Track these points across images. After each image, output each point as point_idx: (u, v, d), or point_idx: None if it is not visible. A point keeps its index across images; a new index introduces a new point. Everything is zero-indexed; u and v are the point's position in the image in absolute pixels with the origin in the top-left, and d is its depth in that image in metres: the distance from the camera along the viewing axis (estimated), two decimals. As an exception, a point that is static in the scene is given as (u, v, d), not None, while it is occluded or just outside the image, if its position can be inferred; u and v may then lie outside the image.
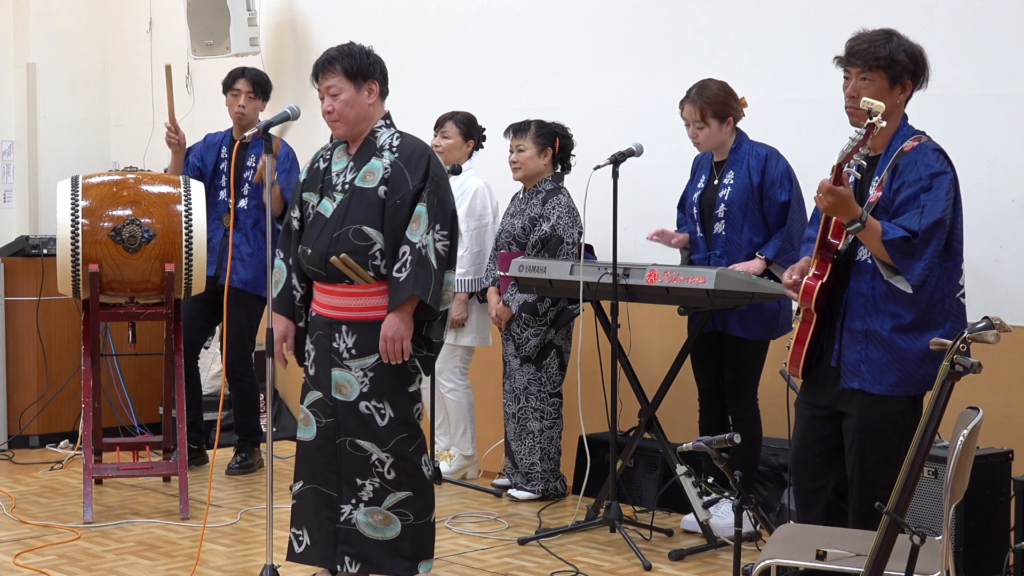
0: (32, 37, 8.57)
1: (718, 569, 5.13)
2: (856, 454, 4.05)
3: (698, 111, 5.37)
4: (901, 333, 3.97)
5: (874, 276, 4.00)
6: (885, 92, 4.01)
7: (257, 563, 5.13)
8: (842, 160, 3.84)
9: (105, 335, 7.31)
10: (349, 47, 4.50)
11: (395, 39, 7.30)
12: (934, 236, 3.91)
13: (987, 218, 5.25)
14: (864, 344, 4.00)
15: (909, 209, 3.94)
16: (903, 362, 3.97)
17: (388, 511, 4.44)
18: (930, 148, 4.02)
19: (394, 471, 4.43)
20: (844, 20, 4.88)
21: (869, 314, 4.00)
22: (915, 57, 4.06)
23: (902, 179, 3.98)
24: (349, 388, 4.43)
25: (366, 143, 4.49)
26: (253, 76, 6.80)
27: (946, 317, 4.01)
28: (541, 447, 6.15)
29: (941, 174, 3.97)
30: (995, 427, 4.83)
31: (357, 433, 4.43)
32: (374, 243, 4.39)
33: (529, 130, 6.13)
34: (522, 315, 6.06)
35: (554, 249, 6.00)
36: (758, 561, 3.60)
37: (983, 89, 5.29)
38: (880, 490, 3.96)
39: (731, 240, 5.39)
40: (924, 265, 3.91)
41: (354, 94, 4.45)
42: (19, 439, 7.45)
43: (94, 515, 5.80)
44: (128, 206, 5.78)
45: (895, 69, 4.01)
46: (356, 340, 4.42)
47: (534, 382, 6.14)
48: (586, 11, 6.60)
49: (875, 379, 3.99)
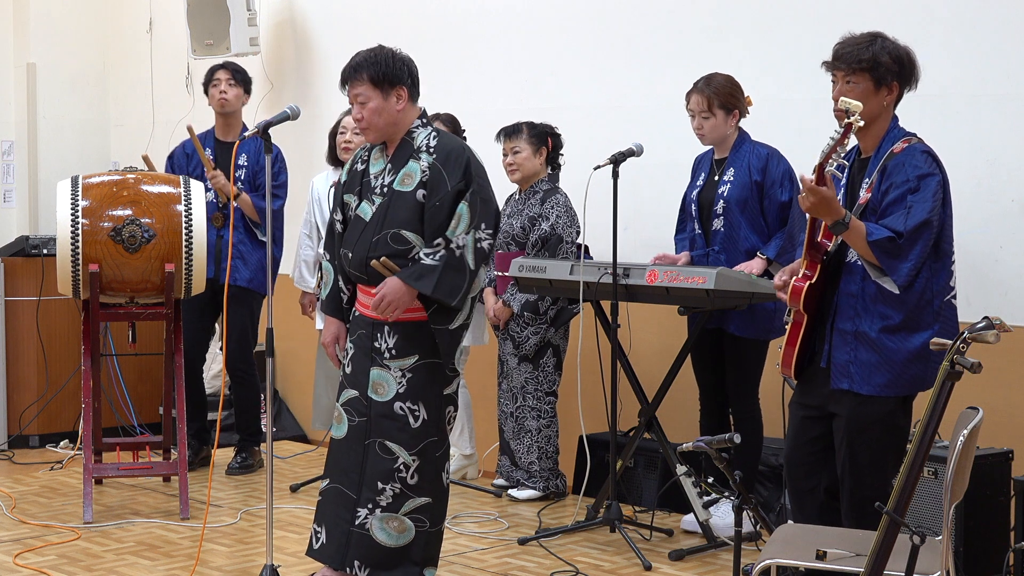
0: (32, 37, 8.57)
1: (718, 569, 5.13)
2: (846, 454, 4.07)
3: (705, 100, 5.38)
4: (889, 334, 3.98)
5: (864, 277, 4.01)
6: (871, 94, 4.03)
7: (257, 563, 5.13)
8: (822, 160, 3.86)
9: (105, 335, 7.31)
10: (376, 53, 4.48)
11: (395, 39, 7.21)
12: (920, 237, 3.92)
13: (987, 218, 5.25)
14: (853, 345, 4.02)
15: (896, 210, 3.95)
16: (891, 363, 3.98)
17: (405, 516, 4.43)
18: (919, 150, 4.04)
19: (418, 475, 4.43)
20: (844, 20, 4.87)
21: (858, 315, 4.01)
22: (900, 59, 4.07)
23: (890, 180, 4.00)
24: (386, 388, 4.44)
25: (403, 144, 4.48)
26: (233, 66, 6.82)
27: (935, 318, 4.02)
28: (539, 446, 6.16)
29: (929, 176, 3.98)
30: (995, 427, 4.83)
31: (388, 435, 4.43)
32: (413, 247, 4.40)
33: (522, 132, 6.15)
34: (524, 314, 6.06)
35: (554, 248, 6.01)
36: (758, 561, 3.60)
37: (983, 89, 5.29)
38: (869, 490, 4.01)
39: (729, 237, 5.40)
40: (910, 265, 3.92)
41: (382, 102, 4.43)
42: (19, 439, 7.45)
43: (94, 515, 5.80)
44: (128, 206, 5.78)
45: (879, 71, 4.03)
46: (397, 340, 4.43)
47: (531, 381, 6.14)
48: (586, 11, 6.60)
49: (864, 380, 4.00)
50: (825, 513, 4.17)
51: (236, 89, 6.76)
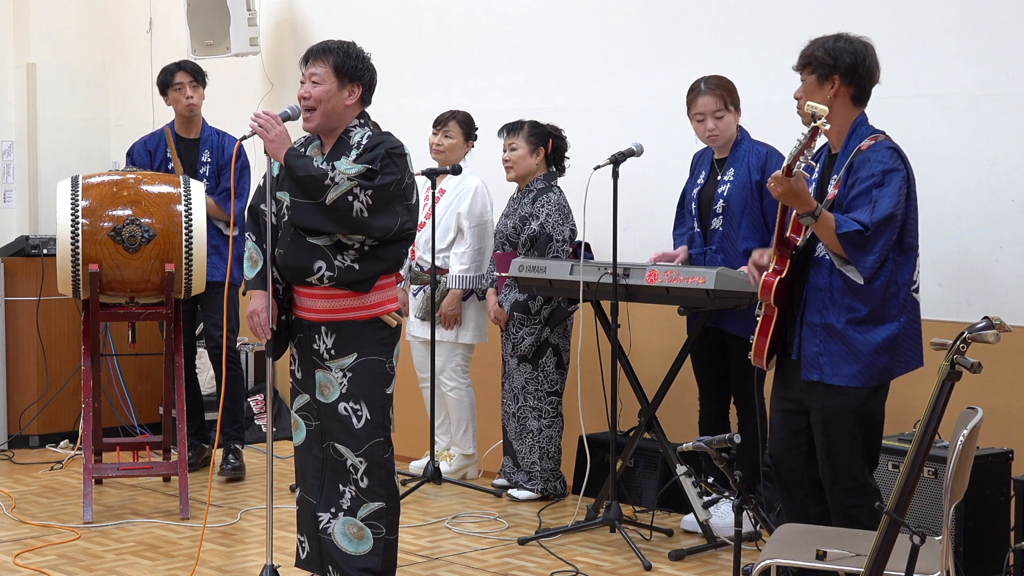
0: (32, 37, 8.57)
1: (718, 569, 5.13)
2: (823, 446, 4.16)
3: (719, 100, 5.39)
4: (856, 326, 4.08)
5: (831, 271, 4.11)
6: (815, 89, 4.15)
7: (257, 563, 5.13)
8: (790, 161, 3.96)
9: (105, 335, 7.30)
10: (348, 45, 4.45)
11: (395, 39, 7.30)
12: (885, 230, 4.02)
13: (987, 218, 5.26)
14: (823, 337, 4.11)
15: (862, 204, 4.05)
16: (858, 354, 4.08)
17: (362, 523, 4.39)
18: (885, 146, 4.13)
19: (367, 478, 4.39)
20: (843, 21, 4.87)
21: (826, 308, 4.11)
22: (837, 54, 4.13)
23: (856, 176, 4.09)
24: (330, 389, 4.41)
25: (339, 142, 4.44)
26: (191, 67, 6.81)
27: (900, 311, 4.11)
28: (540, 446, 6.16)
29: (894, 171, 4.07)
30: (995, 427, 4.83)
31: (337, 436, 4.41)
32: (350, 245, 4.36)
33: (522, 129, 6.15)
34: (514, 314, 6.08)
35: (543, 247, 6.01)
36: (758, 561, 3.60)
37: (983, 89, 5.29)
38: (849, 481, 4.12)
39: (728, 236, 5.40)
40: (875, 258, 4.03)
41: (335, 89, 4.39)
42: (19, 439, 7.45)
43: (94, 515, 5.80)
44: (128, 206, 5.78)
45: (815, 66, 4.15)
46: (335, 340, 4.39)
47: (531, 381, 6.14)
48: (586, 11, 6.60)
49: (833, 371, 4.10)
50: (812, 504, 4.26)
51: (199, 90, 6.78)
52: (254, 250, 4.50)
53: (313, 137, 4.53)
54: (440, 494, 6.33)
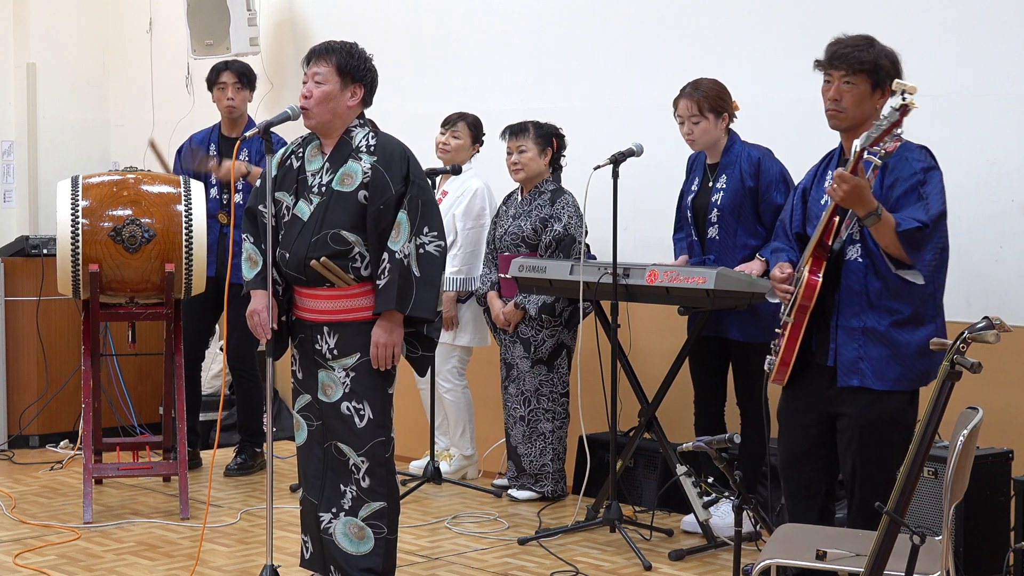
0: (32, 37, 8.57)
1: (718, 569, 5.13)
2: (856, 452, 4.05)
3: (695, 105, 5.37)
4: (899, 328, 3.99)
5: (866, 274, 4.02)
6: (867, 96, 4.05)
7: (257, 563, 5.13)
8: (867, 144, 3.83)
9: (105, 335, 7.31)
10: (350, 46, 4.45)
11: (396, 39, 7.30)
12: (939, 226, 3.95)
13: (987, 218, 5.25)
14: (862, 341, 4.02)
15: (909, 202, 3.96)
16: (902, 356, 4.00)
17: (363, 523, 4.40)
18: (915, 146, 4.07)
19: (368, 478, 4.39)
20: (843, 21, 4.87)
21: (864, 311, 4.02)
22: (896, 63, 4.10)
23: (895, 175, 4.01)
24: (333, 389, 4.41)
25: (341, 143, 4.43)
26: (238, 68, 6.80)
27: (937, 311, 4.05)
28: (552, 447, 6.14)
29: (933, 168, 4.03)
30: (995, 427, 4.83)
31: (339, 436, 4.41)
32: (353, 247, 4.36)
33: (529, 131, 6.12)
34: (542, 317, 6.03)
35: (568, 249, 5.99)
36: (758, 561, 3.60)
37: (983, 89, 5.29)
38: (878, 488, 3.99)
39: (725, 244, 5.39)
40: (932, 256, 3.95)
41: (337, 90, 4.39)
42: (19, 439, 7.45)
43: (94, 515, 5.80)
44: (128, 206, 5.78)
45: (879, 74, 4.04)
46: (338, 340, 4.39)
47: (546, 383, 6.12)
48: (586, 11, 6.60)
49: (876, 375, 4.01)
50: (824, 517, 4.18)
51: (242, 93, 6.77)
52: (252, 251, 4.51)
53: (311, 137, 4.52)
54: (440, 494, 6.33)
